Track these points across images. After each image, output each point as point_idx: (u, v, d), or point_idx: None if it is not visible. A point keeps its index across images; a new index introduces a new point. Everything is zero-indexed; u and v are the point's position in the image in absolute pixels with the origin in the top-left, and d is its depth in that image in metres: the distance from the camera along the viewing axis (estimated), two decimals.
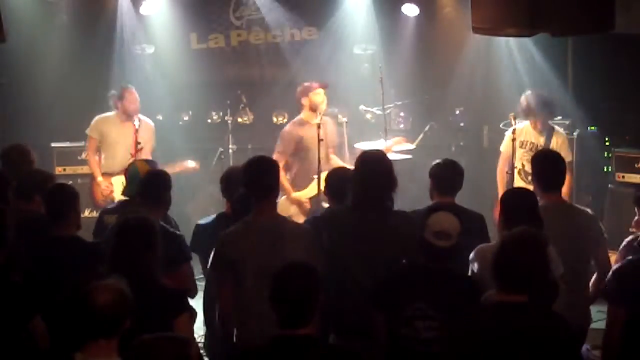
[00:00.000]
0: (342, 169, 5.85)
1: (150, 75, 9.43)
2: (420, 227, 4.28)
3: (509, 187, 7.10)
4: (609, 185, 8.38)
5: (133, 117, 8.06)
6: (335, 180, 5.39)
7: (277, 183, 4.65)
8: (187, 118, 9.75)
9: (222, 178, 5.80)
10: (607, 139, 8.73)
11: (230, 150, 8.87)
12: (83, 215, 5.58)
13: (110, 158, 8.18)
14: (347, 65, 9.62)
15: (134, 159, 7.07)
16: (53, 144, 9.07)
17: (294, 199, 7.74)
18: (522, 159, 7.58)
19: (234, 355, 4.26)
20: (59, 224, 4.88)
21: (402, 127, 9.57)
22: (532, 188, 4.99)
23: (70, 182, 7.68)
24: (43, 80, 9.20)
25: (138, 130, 7.84)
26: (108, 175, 8.18)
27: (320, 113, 7.59)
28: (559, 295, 4.14)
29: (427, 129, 9.02)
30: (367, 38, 9.61)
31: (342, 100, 9.08)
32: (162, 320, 3.95)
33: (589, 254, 4.91)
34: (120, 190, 6.23)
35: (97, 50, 9.30)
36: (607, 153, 8.60)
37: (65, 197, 4.99)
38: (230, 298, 4.45)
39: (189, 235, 5.53)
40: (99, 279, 3.64)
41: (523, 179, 7.54)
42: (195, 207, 8.34)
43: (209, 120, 9.79)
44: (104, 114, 8.30)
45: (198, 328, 4.48)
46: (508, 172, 7.46)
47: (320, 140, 7.28)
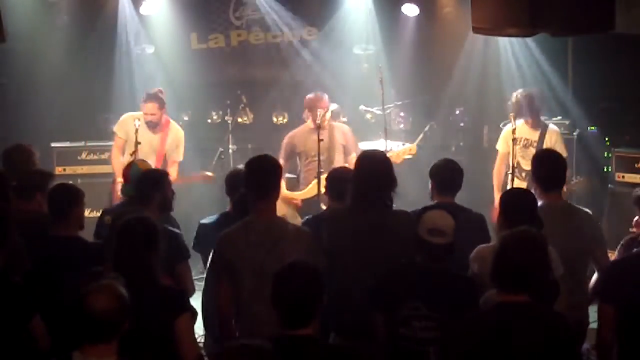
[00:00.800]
0: (342, 169, 5.84)
1: (150, 76, 9.43)
2: (412, 225, 4.28)
3: (508, 186, 7.10)
4: (609, 185, 8.38)
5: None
6: (336, 180, 5.39)
7: (277, 183, 4.62)
8: (187, 118, 9.74)
9: (226, 177, 5.80)
10: (607, 139, 8.73)
11: (230, 150, 8.86)
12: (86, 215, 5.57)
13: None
14: (347, 65, 9.63)
15: (134, 159, 7.06)
16: (53, 144, 9.06)
17: (286, 197, 7.60)
18: (516, 156, 7.57)
19: None
20: (61, 224, 4.88)
21: (402, 127, 9.58)
22: (526, 185, 4.98)
23: (70, 182, 7.66)
24: (43, 80, 9.21)
25: (138, 130, 7.79)
26: None
27: (321, 125, 7.52)
28: (559, 295, 4.14)
29: (427, 129, 9.01)
30: (367, 38, 9.61)
31: (342, 100, 9.08)
32: (163, 320, 3.95)
33: (589, 254, 4.90)
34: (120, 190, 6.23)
35: (97, 50, 9.31)
36: (607, 153, 8.60)
37: (68, 196, 4.98)
38: (229, 298, 4.44)
39: (189, 234, 5.52)
40: (99, 280, 3.64)
41: (518, 177, 7.53)
42: (195, 206, 8.31)
43: (209, 120, 9.79)
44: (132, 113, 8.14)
45: (198, 328, 4.47)
46: (508, 172, 7.45)
47: (321, 140, 7.30)
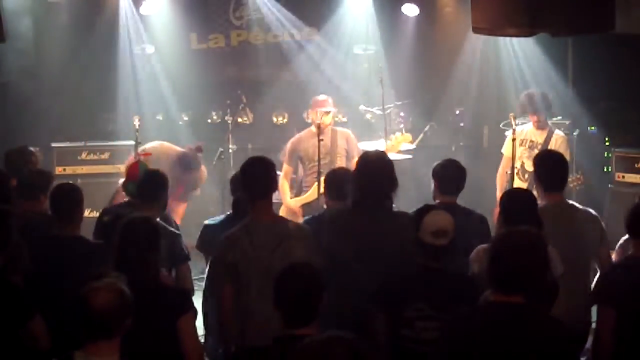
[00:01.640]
0: (340, 169, 5.84)
1: (150, 76, 9.43)
2: (415, 228, 4.27)
3: (509, 186, 7.10)
4: (609, 185, 8.39)
5: None
6: (336, 181, 5.39)
7: (274, 183, 4.63)
8: (187, 118, 9.76)
9: (231, 179, 5.82)
10: (607, 139, 8.74)
11: (230, 150, 8.86)
12: (85, 215, 5.56)
13: None
14: (347, 65, 9.63)
15: (139, 158, 7.07)
16: (53, 144, 9.06)
17: (287, 206, 7.46)
18: (520, 157, 7.57)
19: (236, 356, 4.27)
20: (65, 224, 4.87)
21: (402, 127, 9.55)
22: (526, 186, 4.96)
23: (70, 182, 7.67)
24: (43, 80, 9.20)
25: (138, 130, 7.78)
26: None
27: (320, 125, 7.48)
28: (560, 296, 4.13)
29: (427, 129, 9.02)
30: (367, 38, 9.61)
31: (342, 100, 9.08)
32: (165, 320, 3.96)
33: (591, 254, 4.90)
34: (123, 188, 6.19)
35: (97, 50, 9.30)
36: (607, 153, 8.61)
37: (72, 196, 4.98)
38: (231, 299, 4.44)
39: (188, 235, 5.52)
40: (101, 279, 3.64)
41: (520, 178, 7.53)
42: (195, 206, 8.32)
43: (209, 120, 9.79)
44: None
45: (198, 328, 4.46)
46: (508, 171, 7.45)
47: (321, 141, 7.29)
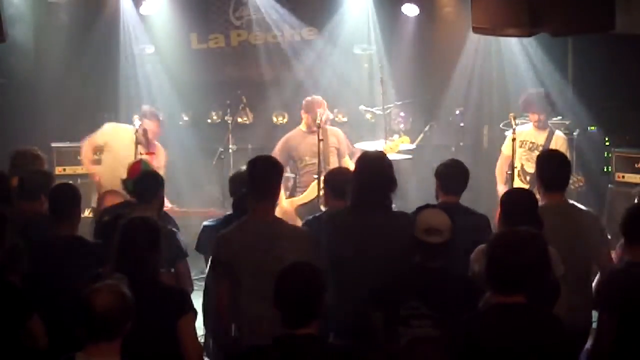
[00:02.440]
0: (340, 168, 5.84)
1: (150, 76, 9.43)
2: (411, 226, 4.27)
3: (509, 186, 7.10)
4: (609, 185, 8.38)
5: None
6: (335, 181, 5.39)
7: (277, 184, 4.62)
8: (187, 118, 9.75)
9: (230, 178, 5.83)
10: (607, 139, 8.73)
11: (230, 150, 8.86)
12: (83, 215, 5.56)
13: None
14: (347, 65, 9.62)
15: (140, 157, 7.08)
16: (53, 144, 9.06)
17: (282, 207, 7.42)
18: (520, 159, 7.57)
19: (236, 355, 4.26)
20: (63, 223, 4.87)
21: (402, 127, 9.57)
22: (528, 187, 4.96)
23: (70, 182, 7.67)
24: (43, 80, 9.20)
25: (138, 130, 7.77)
26: None
27: (320, 124, 7.49)
28: (561, 296, 4.13)
29: (427, 129, 9.02)
30: (367, 38, 9.61)
31: (342, 100, 9.09)
32: (166, 320, 3.95)
33: (592, 255, 4.89)
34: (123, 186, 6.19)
35: (97, 50, 9.29)
36: (607, 153, 8.60)
37: (71, 196, 4.98)
38: (228, 298, 4.44)
39: (188, 235, 5.52)
40: (101, 280, 3.64)
41: (522, 180, 7.54)
42: (195, 206, 8.32)
43: (209, 120, 9.79)
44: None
45: (198, 328, 4.46)
46: (508, 171, 7.46)
47: (321, 140, 7.29)
